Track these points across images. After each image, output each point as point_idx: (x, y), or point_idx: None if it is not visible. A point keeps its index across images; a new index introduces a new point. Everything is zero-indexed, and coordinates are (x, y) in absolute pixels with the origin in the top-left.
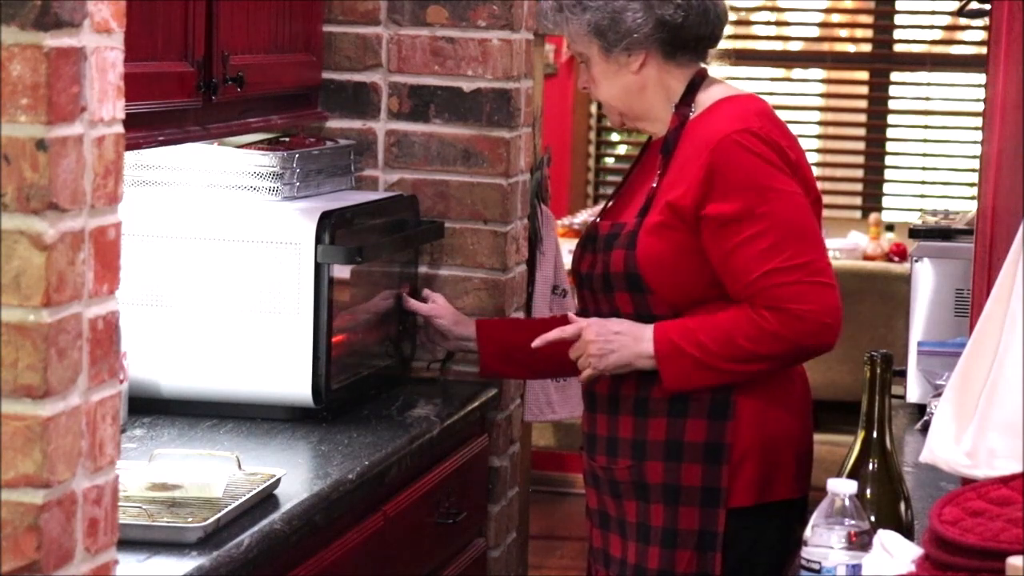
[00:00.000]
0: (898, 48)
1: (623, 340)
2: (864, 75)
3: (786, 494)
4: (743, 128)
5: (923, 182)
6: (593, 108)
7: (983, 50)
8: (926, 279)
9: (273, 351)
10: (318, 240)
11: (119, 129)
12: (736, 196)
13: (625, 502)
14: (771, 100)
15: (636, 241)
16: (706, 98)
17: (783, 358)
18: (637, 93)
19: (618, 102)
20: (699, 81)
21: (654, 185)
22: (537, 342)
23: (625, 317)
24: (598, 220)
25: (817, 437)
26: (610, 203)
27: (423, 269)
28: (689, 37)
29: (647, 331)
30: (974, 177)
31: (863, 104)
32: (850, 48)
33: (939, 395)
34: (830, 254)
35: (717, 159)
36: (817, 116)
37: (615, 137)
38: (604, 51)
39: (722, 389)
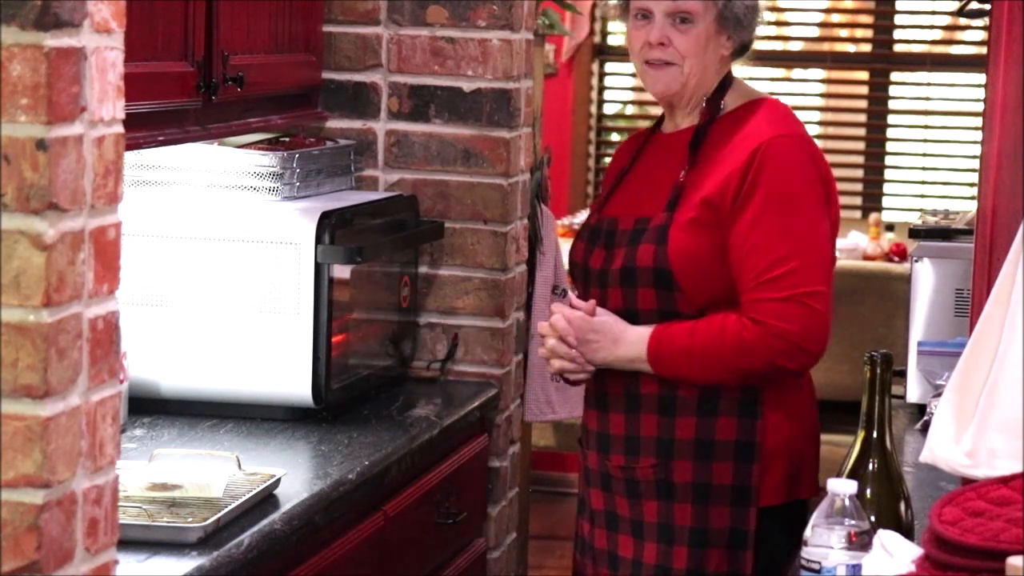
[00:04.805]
0: (898, 48)
1: (602, 343)
2: (864, 75)
3: (813, 492)
4: (790, 133)
5: (923, 182)
6: (593, 108)
7: (983, 50)
8: (926, 279)
9: (273, 351)
10: (318, 240)
11: (119, 129)
12: (773, 198)
13: (645, 502)
14: None
15: (667, 236)
16: (731, 99)
17: (756, 374)
18: (712, 75)
19: (696, 73)
20: (729, 81)
21: (681, 179)
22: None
23: (647, 313)
24: (599, 213)
25: None
26: (609, 196)
27: (423, 269)
28: (749, 45)
29: (628, 333)
30: (974, 177)
31: (863, 104)
32: (850, 48)
33: (939, 395)
34: None
35: (763, 159)
36: (817, 116)
37: (615, 137)
38: (721, 20)
39: (749, 388)
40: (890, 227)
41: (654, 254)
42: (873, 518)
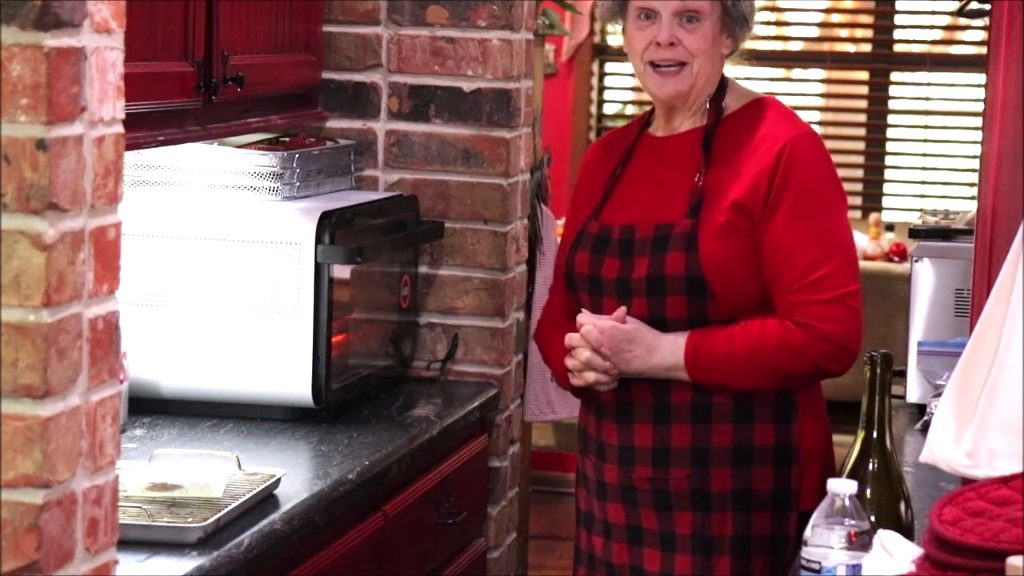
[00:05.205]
0: (898, 48)
1: (637, 352)
2: (864, 75)
3: None
4: (809, 132)
5: (923, 182)
6: (593, 108)
7: (983, 50)
8: (926, 279)
9: (273, 351)
10: (318, 240)
11: (119, 129)
12: (805, 199)
13: (677, 514)
14: None
15: (698, 243)
16: (732, 99)
17: (801, 377)
18: (716, 74)
19: (705, 72)
20: (726, 82)
21: (698, 183)
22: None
23: (676, 321)
24: (597, 221)
25: None
26: (604, 202)
27: (423, 269)
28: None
29: (662, 341)
30: (974, 177)
31: (863, 104)
32: (850, 48)
33: (939, 395)
34: None
35: (790, 159)
36: (817, 116)
37: None
38: (725, 19)
39: (783, 391)
40: (890, 227)
41: (685, 261)
42: (873, 518)
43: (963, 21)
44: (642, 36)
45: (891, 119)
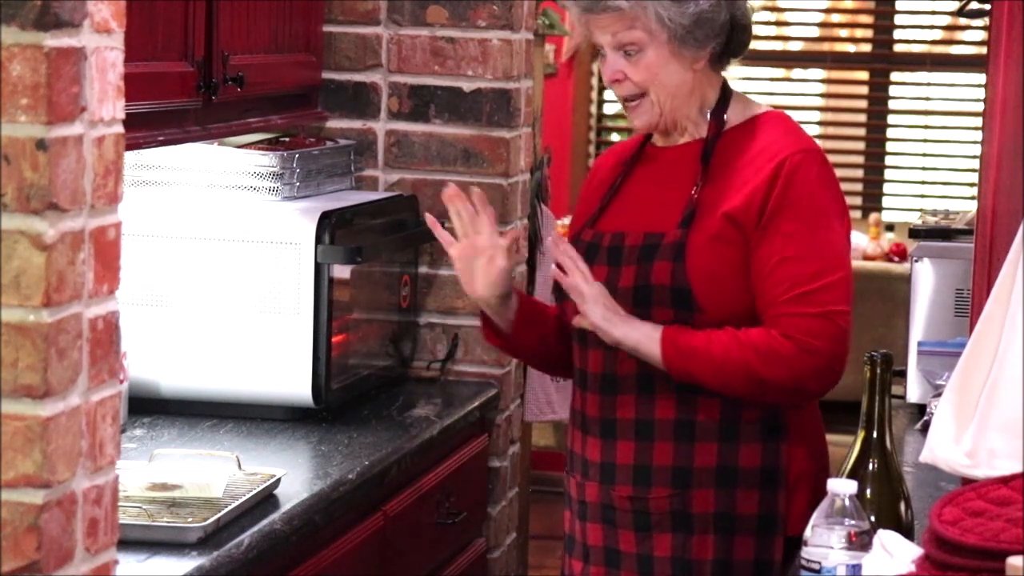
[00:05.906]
0: (898, 48)
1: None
2: (864, 75)
3: None
4: (810, 148)
5: (923, 182)
6: (593, 108)
7: (983, 50)
8: (926, 279)
9: (273, 351)
10: (318, 240)
11: (119, 129)
12: (803, 214)
13: (656, 536)
14: (771, 100)
15: (685, 253)
16: (734, 112)
17: (779, 388)
18: (686, 95)
19: (667, 99)
20: (730, 92)
21: (694, 195)
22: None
23: None
24: (592, 228)
25: None
26: (602, 211)
27: (423, 269)
28: (744, 42)
29: (645, 323)
30: (974, 177)
31: (863, 104)
32: (850, 48)
33: (939, 395)
34: None
35: (789, 174)
36: (817, 116)
37: (615, 137)
38: (674, 40)
39: (771, 412)
40: (890, 227)
41: (671, 271)
42: (873, 518)
43: (963, 21)
44: (603, 72)
45: (891, 119)
